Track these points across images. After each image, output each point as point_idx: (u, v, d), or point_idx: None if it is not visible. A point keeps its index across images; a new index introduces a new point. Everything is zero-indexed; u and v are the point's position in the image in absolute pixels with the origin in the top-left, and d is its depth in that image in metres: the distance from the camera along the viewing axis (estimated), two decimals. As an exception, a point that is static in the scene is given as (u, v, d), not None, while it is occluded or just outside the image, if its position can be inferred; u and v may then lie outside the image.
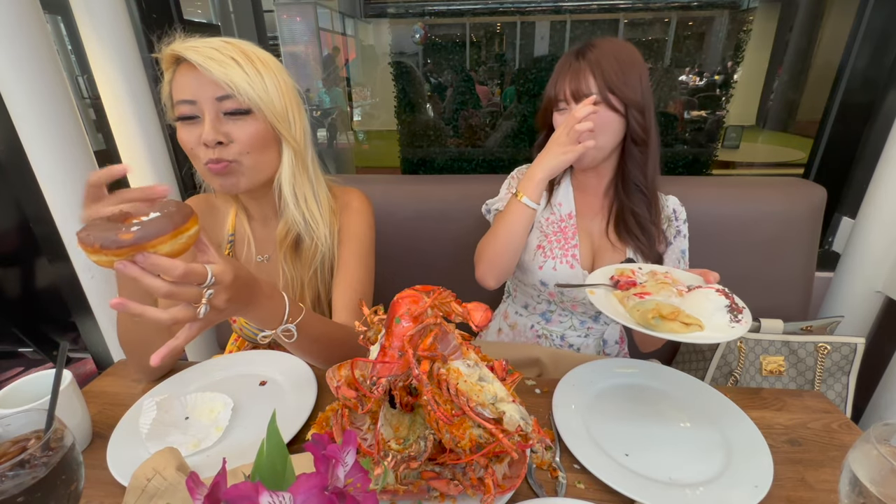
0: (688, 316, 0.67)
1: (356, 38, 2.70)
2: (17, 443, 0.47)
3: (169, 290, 0.50)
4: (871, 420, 1.32)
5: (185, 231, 0.49)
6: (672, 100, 1.78)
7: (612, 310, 0.71)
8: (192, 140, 0.78)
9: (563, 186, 1.08)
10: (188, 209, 0.51)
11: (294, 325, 0.69)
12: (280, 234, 0.89)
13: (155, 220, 0.48)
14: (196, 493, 0.34)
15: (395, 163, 1.97)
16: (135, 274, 0.48)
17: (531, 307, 1.12)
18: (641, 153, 0.98)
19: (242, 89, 0.75)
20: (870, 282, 1.29)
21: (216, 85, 0.75)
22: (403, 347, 0.51)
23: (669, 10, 1.78)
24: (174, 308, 0.52)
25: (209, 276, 0.52)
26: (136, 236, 0.46)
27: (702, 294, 0.71)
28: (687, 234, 1.05)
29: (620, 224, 1.02)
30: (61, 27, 1.93)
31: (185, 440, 0.67)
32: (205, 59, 0.73)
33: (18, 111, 1.05)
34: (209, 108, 0.76)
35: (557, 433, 0.68)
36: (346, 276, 0.91)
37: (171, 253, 0.49)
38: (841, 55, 1.34)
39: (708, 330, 0.65)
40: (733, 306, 0.68)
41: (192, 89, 0.76)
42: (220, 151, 0.77)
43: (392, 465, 0.49)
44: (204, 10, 2.02)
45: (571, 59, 0.96)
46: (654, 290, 0.74)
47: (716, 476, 0.61)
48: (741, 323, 0.66)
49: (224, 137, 0.77)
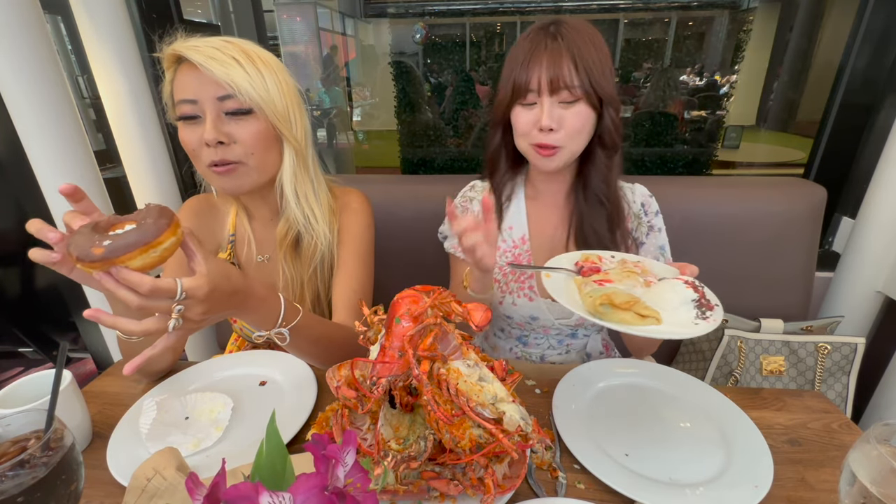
0: (645, 307, 0.59)
1: (356, 38, 2.70)
2: (17, 443, 0.47)
3: (140, 304, 0.50)
4: (871, 420, 1.32)
5: (157, 245, 0.49)
6: (672, 100, 1.78)
7: (565, 296, 0.63)
8: (194, 140, 0.78)
9: (515, 204, 0.97)
10: (166, 220, 0.50)
11: (287, 328, 0.69)
12: (280, 232, 0.89)
13: (127, 234, 0.48)
14: (196, 493, 0.34)
15: (395, 163, 1.97)
16: (109, 286, 0.49)
17: (507, 331, 1.05)
18: (608, 158, 0.87)
19: (244, 89, 0.75)
20: (870, 282, 1.29)
21: (217, 84, 0.75)
22: (403, 347, 0.51)
23: (669, 10, 1.78)
24: (147, 320, 0.52)
25: (179, 292, 0.51)
26: (106, 251, 0.47)
27: (668, 285, 0.64)
28: (663, 227, 0.96)
29: (581, 239, 0.92)
30: (61, 27, 1.93)
31: (185, 440, 0.67)
32: (206, 59, 0.73)
33: (18, 111, 1.05)
34: (210, 107, 0.76)
35: (557, 433, 0.68)
36: (346, 275, 0.91)
37: (143, 267, 0.49)
38: (841, 55, 1.34)
39: (666, 324, 0.58)
40: (702, 301, 0.61)
41: (194, 89, 0.76)
42: (222, 152, 0.77)
43: (392, 465, 0.49)
44: (204, 10, 2.02)
45: (545, 38, 0.79)
46: (618, 279, 0.66)
47: (716, 476, 0.61)
48: (708, 320, 0.58)
49: (225, 137, 0.77)
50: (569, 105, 0.81)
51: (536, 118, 0.82)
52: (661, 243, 0.95)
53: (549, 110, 0.80)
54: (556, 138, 0.82)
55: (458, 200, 1.05)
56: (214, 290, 0.55)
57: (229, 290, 0.57)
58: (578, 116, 0.81)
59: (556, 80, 0.78)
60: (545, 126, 0.80)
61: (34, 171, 1.10)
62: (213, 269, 0.55)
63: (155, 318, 0.53)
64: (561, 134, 0.82)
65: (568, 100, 0.80)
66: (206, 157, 0.78)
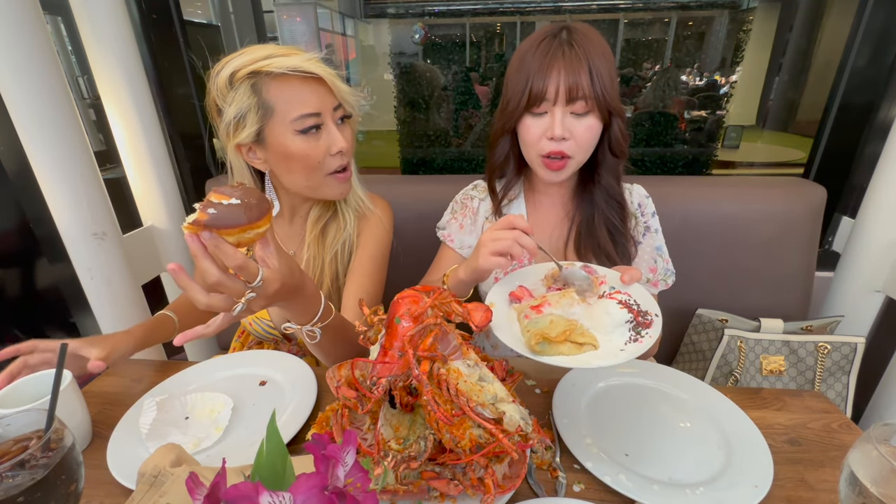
0: (582, 333, 0.58)
1: (356, 39, 2.70)
2: (18, 443, 0.47)
3: (218, 280, 0.52)
4: (871, 420, 1.32)
5: (256, 227, 0.51)
6: (672, 100, 1.78)
7: (508, 332, 0.61)
8: (321, 152, 0.84)
9: (515, 206, 0.98)
10: (266, 205, 0.52)
11: (320, 327, 0.70)
12: (313, 217, 0.96)
13: (232, 209, 0.49)
14: (196, 493, 0.34)
15: (395, 163, 1.97)
16: (195, 250, 0.50)
17: None
18: (617, 161, 0.89)
19: (348, 98, 0.86)
20: (870, 282, 1.29)
21: (332, 96, 0.84)
22: (403, 347, 0.51)
23: (669, 10, 1.78)
24: (214, 295, 0.54)
25: (258, 279, 0.53)
26: (210, 218, 0.48)
27: (603, 307, 0.63)
28: (659, 229, 0.96)
29: (588, 239, 0.90)
30: (61, 28, 1.93)
31: (185, 440, 0.67)
32: (328, 74, 0.82)
33: (18, 112, 1.05)
34: (331, 117, 0.84)
35: (557, 433, 0.68)
36: (361, 276, 0.94)
37: (235, 244, 0.51)
38: (841, 55, 1.34)
39: (601, 351, 0.57)
40: (638, 321, 0.60)
41: (315, 103, 0.82)
42: (339, 159, 0.87)
43: (392, 465, 0.49)
44: (204, 11, 2.02)
45: (560, 45, 0.77)
46: (555, 301, 0.64)
47: (716, 476, 0.61)
48: (640, 341, 0.57)
49: (345, 145, 0.86)
50: (580, 116, 0.81)
51: (546, 127, 0.81)
52: (657, 244, 0.96)
53: (561, 119, 0.80)
54: (567, 146, 0.81)
55: (459, 197, 1.06)
56: (283, 285, 0.57)
57: (292, 285, 0.60)
58: (589, 129, 0.81)
59: (573, 89, 0.77)
60: (557, 136, 0.80)
61: (34, 171, 1.10)
62: (283, 264, 0.57)
63: (223, 297, 0.54)
64: (571, 143, 0.81)
65: (580, 111, 0.80)
66: (333, 164, 0.86)
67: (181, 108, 1.47)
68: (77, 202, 1.13)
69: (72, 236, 1.15)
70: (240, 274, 0.53)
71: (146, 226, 1.46)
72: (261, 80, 0.79)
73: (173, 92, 1.44)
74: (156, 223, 1.48)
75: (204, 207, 0.49)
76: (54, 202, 1.13)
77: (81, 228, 1.15)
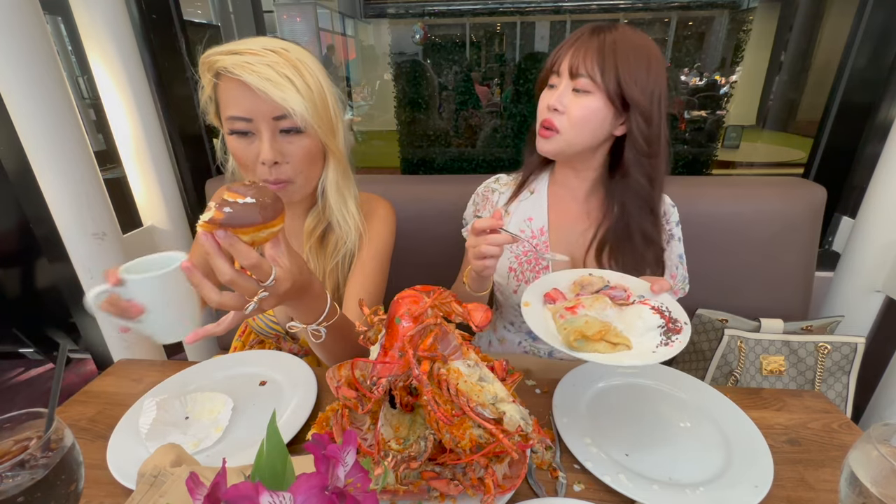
0: (616, 335, 0.61)
1: (356, 39, 2.70)
2: (18, 442, 0.47)
3: (231, 279, 0.52)
4: (871, 420, 1.32)
5: (270, 226, 0.51)
6: (672, 99, 1.78)
7: (543, 329, 0.64)
8: (250, 156, 0.79)
9: (537, 197, 0.98)
10: (280, 205, 0.52)
11: (325, 326, 0.70)
12: (308, 227, 0.92)
13: (247, 207, 0.49)
14: (196, 493, 0.34)
15: (395, 163, 1.97)
16: (209, 248, 0.50)
17: (517, 325, 1.05)
18: (638, 163, 0.85)
19: (299, 112, 0.74)
20: (870, 282, 1.29)
21: (273, 105, 0.74)
22: (403, 347, 0.51)
23: (669, 10, 1.78)
24: (226, 294, 0.54)
25: (271, 278, 0.53)
26: (226, 217, 0.48)
27: (635, 311, 0.67)
28: (681, 238, 0.97)
29: (619, 246, 0.88)
30: (61, 28, 1.93)
31: (185, 440, 0.67)
32: (261, 81, 0.72)
33: (19, 112, 1.05)
34: (266, 126, 0.76)
35: (557, 433, 0.68)
36: (362, 276, 0.93)
37: (249, 243, 0.51)
38: (841, 55, 1.34)
39: (634, 351, 0.61)
40: (669, 326, 0.63)
41: (248, 107, 0.75)
42: (276, 170, 0.79)
43: (392, 465, 0.49)
44: (204, 11, 2.02)
45: (585, 33, 0.83)
46: (589, 304, 0.68)
47: (716, 476, 0.61)
48: (671, 346, 0.60)
49: (281, 157, 0.78)
50: (581, 94, 0.82)
51: (550, 99, 0.85)
52: (679, 252, 0.98)
53: (563, 92, 0.83)
54: (558, 119, 0.83)
55: (480, 190, 1.06)
56: (294, 284, 0.57)
57: (301, 284, 0.60)
58: (585, 108, 0.82)
59: (575, 66, 0.80)
60: (551, 105, 0.83)
61: (34, 171, 1.10)
62: (294, 263, 0.57)
63: (235, 295, 0.54)
64: (564, 118, 0.83)
65: (585, 88, 0.81)
66: (262, 174, 0.79)
67: (181, 108, 1.47)
68: (77, 202, 1.13)
69: (72, 236, 1.15)
70: (253, 273, 0.53)
71: (146, 226, 1.46)
72: (216, 73, 0.78)
73: (173, 92, 1.44)
74: (156, 223, 1.48)
75: (219, 206, 0.49)
76: (54, 202, 1.13)
77: (81, 228, 1.15)
